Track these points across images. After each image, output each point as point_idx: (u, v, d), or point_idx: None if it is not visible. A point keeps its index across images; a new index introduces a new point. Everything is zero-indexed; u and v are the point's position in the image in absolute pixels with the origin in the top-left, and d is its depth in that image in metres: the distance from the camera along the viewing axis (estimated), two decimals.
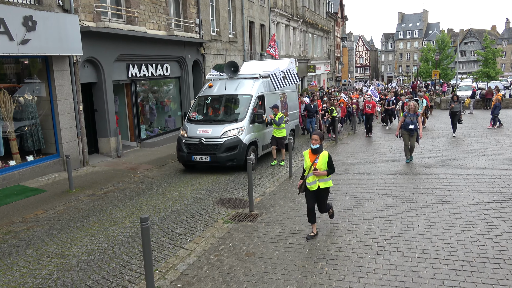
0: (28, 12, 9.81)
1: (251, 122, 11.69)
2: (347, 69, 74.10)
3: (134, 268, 5.79)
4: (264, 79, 12.84)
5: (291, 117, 14.82)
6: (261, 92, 12.49)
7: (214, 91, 12.66)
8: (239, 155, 11.14)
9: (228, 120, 11.83)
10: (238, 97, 12.43)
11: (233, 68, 12.83)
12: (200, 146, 11.29)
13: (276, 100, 13.50)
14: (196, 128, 11.61)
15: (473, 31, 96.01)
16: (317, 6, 44.84)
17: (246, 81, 12.62)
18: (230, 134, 11.22)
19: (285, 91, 14.34)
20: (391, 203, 8.11)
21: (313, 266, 5.54)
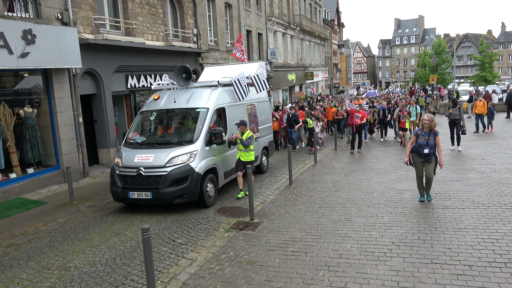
0: (27, 26, 9.90)
1: (207, 143, 9.17)
2: (345, 76, 74.43)
3: (136, 279, 5.79)
4: (225, 88, 10.56)
5: (262, 133, 12.53)
6: (220, 104, 10.07)
7: (160, 104, 10.10)
8: (191, 189, 8.58)
9: (176, 142, 9.20)
10: (190, 112, 9.90)
11: (185, 75, 10.30)
12: (138, 178, 8.58)
13: (242, 113, 11.17)
14: (134, 154, 8.89)
15: (469, 36, 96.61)
16: (314, 14, 45.17)
17: (201, 91, 10.11)
18: (178, 161, 8.62)
19: (253, 101, 12.10)
20: (391, 208, 8.12)
21: (314, 274, 5.54)
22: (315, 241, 6.68)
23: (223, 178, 9.96)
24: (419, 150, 8.23)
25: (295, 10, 36.98)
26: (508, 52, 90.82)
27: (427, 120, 8.10)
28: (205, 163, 9.01)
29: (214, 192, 9.41)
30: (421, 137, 8.17)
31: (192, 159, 8.74)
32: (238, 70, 11.76)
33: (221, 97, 10.24)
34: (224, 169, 9.95)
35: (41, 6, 10.93)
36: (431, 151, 8.15)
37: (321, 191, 9.96)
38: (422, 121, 8.18)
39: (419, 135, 8.22)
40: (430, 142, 8.11)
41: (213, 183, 9.35)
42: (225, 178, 10.07)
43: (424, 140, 8.12)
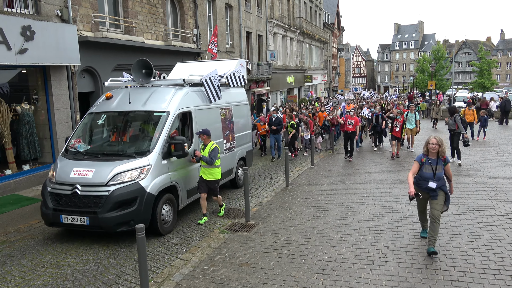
0: (26, 22, 9.86)
1: (165, 156, 7.48)
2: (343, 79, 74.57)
3: (129, 279, 5.76)
4: (193, 88, 8.92)
5: (239, 141, 10.89)
6: (186, 107, 8.37)
7: (112, 105, 8.39)
8: (139, 214, 6.86)
9: (125, 153, 7.47)
10: (146, 116, 8.21)
11: (145, 70, 8.50)
12: (73, 198, 6.86)
13: (214, 118, 9.54)
14: (71, 167, 7.17)
15: (468, 42, 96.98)
16: (314, 17, 45.25)
17: (163, 91, 8.40)
18: (125, 178, 6.90)
19: (230, 105, 10.45)
20: (387, 213, 8.13)
21: (309, 277, 5.53)
22: (310, 244, 6.68)
23: (186, 197, 8.24)
24: (421, 184, 6.24)
25: (296, 13, 37.04)
26: (507, 60, 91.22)
27: (434, 144, 6.09)
28: (160, 180, 7.27)
29: (173, 215, 7.65)
30: (426, 166, 6.20)
31: (143, 175, 7.01)
32: (214, 67, 10.01)
33: (187, 98, 8.49)
34: (187, 187, 8.22)
35: (40, 2, 10.89)
36: (439, 184, 6.15)
37: (318, 194, 9.95)
38: (428, 144, 6.20)
39: (424, 163, 6.24)
40: (439, 173, 6.12)
41: (171, 205, 7.61)
42: (188, 197, 8.35)
43: (430, 170, 6.15)
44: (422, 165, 6.28)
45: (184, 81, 8.75)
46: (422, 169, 6.25)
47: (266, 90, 29.21)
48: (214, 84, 9.07)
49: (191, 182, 8.38)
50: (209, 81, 9.00)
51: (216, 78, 9.15)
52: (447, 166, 6.29)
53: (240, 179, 11.02)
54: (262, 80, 27.97)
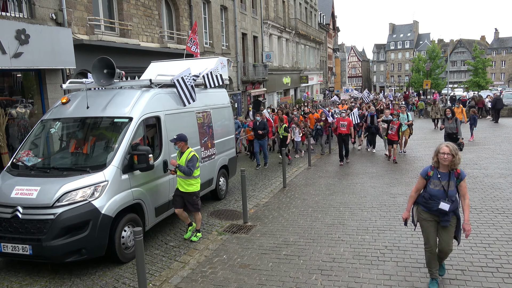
0: (21, 26, 9.82)
1: (126, 169, 6.45)
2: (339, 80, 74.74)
3: (127, 282, 5.74)
4: (164, 90, 7.92)
5: (220, 148, 9.85)
6: (153, 111, 7.30)
7: (68, 110, 7.31)
8: (93, 240, 5.86)
9: (77, 168, 6.44)
10: (105, 123, 7.14)
11: (107, 70, 7.44)
12: (13, 223, 5.85)
13: (190, 123, 8.50)
14: (13, 185, 6.14)
15: (463, 41, 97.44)
16: (309, 18, 45.35)
17: (126, 93, 7.36)
18: (76, 197, 5.89)
19: (208, 108, 9.39)
20: (384, 213, 8.14)
21: (307, 278, 5.53)
22: (309, 245, 6.68)
23: (154, 216, 7.18)
24: (431, 204, 4.91)
25: (291, 14, 37.11)
26: (501, 58, 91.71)
27: (447, 154, 4.79)
28: (120, 199, 6.23)
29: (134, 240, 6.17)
30: (435, 181, 4.91)
31: (97, 194, 5.99)
32: (192, 66, 9.11)
33: (155, 102, 7.41)
34: (155, 203, 7.16)
35: (35, 6, 10.86)
36: (452, 207, 4.83)
37: (315, 195, 9.96)
38: (438, 154, 4.89)
39: (431, 177, 4.96)
40: (451, 191, 4.84)
41: (135, 226, 6.55)
42: (158, 215, 7.29)
43: (439, 187, 4.86)
44: (428, 180, 4.97)
45: (151, 82, 7.58)
46: (429, 185, 4.95)
47: (262, 91, 29.24)
48: (188, 84, 8.00)
49: (160, 198, 7.32)
50: (181, 82, 7.93)
51: (190, 78, 8.07)
52: (461, 183, 4.86)
53: (222, 190, 10.05)
54: (258, 81, 28.01)
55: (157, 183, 7.27)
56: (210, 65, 9.74)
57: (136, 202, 6.64)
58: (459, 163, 4.88)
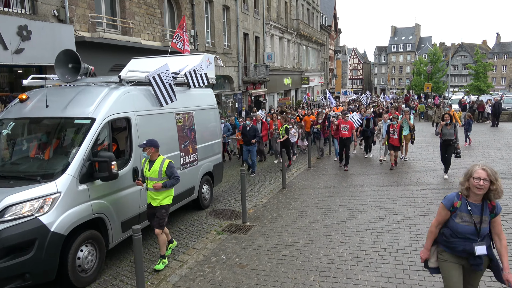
0: (23, 22, 9.83)
1: (84, 179, 5.59)
2: (340, 82, 74.73)
3: (125, 280, 5.74)
4: (137, 88, 7.02)
5: (203, 154, 9.00)
6: (122, 111, 6.46)
7: (25, 110, 6.47)
8: (39, 263, 5.01)
9: (27, 176, 5.58)
10: (64, 124, 6.24)
11: (72, 64, 6.77)
12: None
13: (167, 126, 7.66)
14: None
15: (464, 45, 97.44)
16: (311, 19, 45.36)
17: (91, 91, 6.48)
18: (20, 212, 5.02)
19: (190, 109, 8.52)
20: (383, 215, 8.13)
21: (305, 279, 5.52)
22: (307, 246, 6.67)
23: (121, 231, 6.28)
24: (455, 243, 3.81)
25: (293, 15, 37.12)
26: (502, 63, 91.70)
27: (483, 180, 3.64)
28: (75, 213, 5.36)
29: (97, 260, 5.77)
30: (463, 214, 3.77)
31: (47, 208, 5.12)
32: (175, 63, 8.56)
33: (125, 101, 6.55)
34: (122, 217, 6.27)
35: (37, 2, 10.85)
36: (486, 249, 3.75)
37: (314, 196, 9.95)
38: (471, 179, 3.73)
39: (458, 209, 3.79)
40: (484, 228, 3.74)
41: (95, 245, 5.71)
42: (125, 230, 6.37)
43: (469, 222, 3.73)
44: (454, 211, 3.81)
45: (120, 78, 6.61)
46: (453, 219, 3.80)
47: (263, 91, 29.24)
48: (165, 82, 7.16)
49: (128, 211, 6.43)
50: (157, 79, 7.06)
51: (168, 75, 7.20)
52: (496, 218, 3.74)
53: (205, 199, 9.24)
54: (259, 82, 28.02)
55: (124, 193, 6.36)
56: (194, 63, 8.82)
57: (97, 216, 5.75)
58: (500, 191, 3.64)
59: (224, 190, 10.84)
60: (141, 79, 7.10)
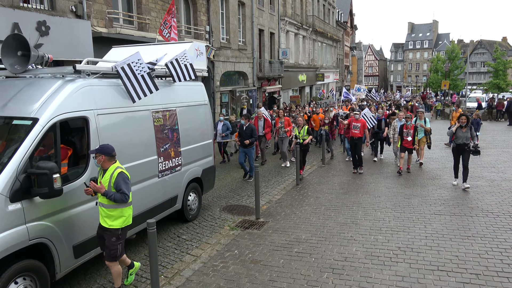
0: (42, 17, 9.99)
1: (19, 196, 4.48)
2: (355, 78, 74.09)
3: (140, 273, 5.80)
4: (99, 80, 5.80)
5: (191, 156, 7.87)
6: (77, 110, 5.30)
7: None
8: None
9: None
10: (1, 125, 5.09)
11: (21, 52, 5.57)
12: None
13: (140, 126, 6.46)
14: None
15: (483, 42, 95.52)
16: (327, 15, 45.01)
17: (40, 84, 5.34)
18: None
19: (172, 106, 7.30)
20: (398, 213, 8.05)
21: (318, 276, 5.51)
22: (321, 243, 6.65)
23: (73, 257, 5.18)
24: None
25: (308, 11, 36.88)
26: None
27: None
28: (4, 240, 4.26)
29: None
30: None
31: None
32: (160, 52, 7.48)
33: (82, 97, 5.38)
34: (73, 241, 5.15)
35: None
36: None
37: (328, 193, 9.90)
38: None
39: None
40: None
41: (35, 277, 4.63)
42: (79, 256, 5.28)
43: None
44: None
45: (75, 69, 5.33)
46: None
47: (277, 88, 29.17)
48: (137, 74, 5.96)
49: (84, 231, 5.27)
50: (127, 70, 5.87)
51: (141, 65, 6.01)
52: None
53: (191, 209, 8.06)
54: (273, 78, 27.95)
55: (79, 210, 5.20)
56: (176, 51, 7.49)
57: (37, 242, 4.62)
58: None
59: (238, 186, 10.87)
60: (107, 71, 5.85)
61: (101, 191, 4.79)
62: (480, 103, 29.61)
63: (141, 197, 6.28)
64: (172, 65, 7.09)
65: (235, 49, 22.03)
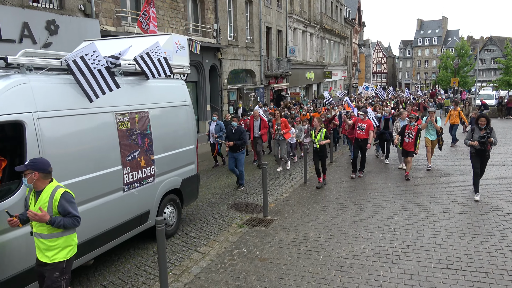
0: (51, 17, 10.08)
1: None
2: (364, 76, 73.71)
3: (148, 270, 5.85)
4: (45, 77, 4.83)
5: (168, 165, 6.85)
6: (8, 113, 4.29)
7: None
8: None
9: None
10: None
11: None
12: None
13: (99, 132, 5.44)
14: None
15: (493, 39, 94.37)
16: (335, 12, 44.79)
17: None
18: None
19: (144, 107, 6.27)
20: (407, 211, 8.01)
21: (326, 273, 5.50)
22: (328, 241, 6.64)
23: None
24: None
25: (316, 8, 36.73)
26: None
27: None
28: None
29: None
30: None
31: None
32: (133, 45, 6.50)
33: (15, 97, 4.38)
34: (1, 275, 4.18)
35: None
36: None
37: (336, 191, 9.88)
38: None
39: None
40: None
41: None
42: None
43: None
44: None
45: (7, 62, 4.33)
46: None
47: (285, 85, 29.12)
48: (93, 68, 5.00)
49: (13, 263, 4.31)
50: (81, 64, 4.93)
51: (97, 58, 5.05)
52: None
53: (169, 225, 7.03)
54: (281, 76, 27.91)
55: (8, 238, 4.24)
56: (148, 44, 6.49)
57: None
58: None
59: (246, 184, 10.88)
60: (54, 65, 4.86)
61: (45, 219, 3.75)
62: (484, 103, 29.08)
63: (101, 215, 5.38)
64: (142, 60, 6.11)
65: (243, 47, 22.04)
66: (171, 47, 7.25)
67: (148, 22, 10.83)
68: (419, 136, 10.63)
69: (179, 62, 7.41)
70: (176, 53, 7.38)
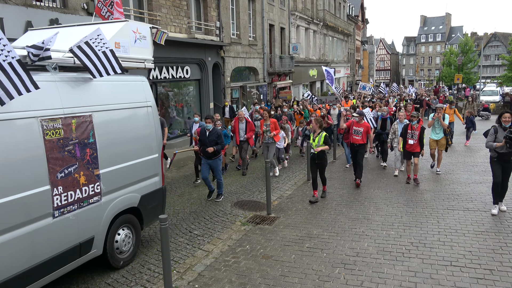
0: (54, 15, 10.10)
1: None
2: (367, 73, 73.47)
3: (152, 268, 5.87)
4: None
5: (121, 180, 5.67)
6: None
7: None
8: None
9: None
10: None
11: None
12: None
13: (13, 145, 4.17)
14: None
15: (497, 35, 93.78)
16: (338, 9, 44.63)
17: None
18: None
19: (84, 109, 5.06)
20: (411, 208, 7.99)
21: (330, 271, 5.50)
22: (332, 238, 6.64)
23: None
24: None
25: (319, 5, 36.62)
26: None
27: None
28: None
29: None
30: None
31: None
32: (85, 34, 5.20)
33: None
34: None
35: None
36: None
37: (339, 188, 9.87)
38: None
39: None
40: None
41: None
42: None
43: None
44: None
45: None
46: None
47: (288, 83, 29.08)
48: (3, 62, 3.84)
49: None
50: None
51: (6, 49, 3.87)
52: None
53: (122, 252, 5.87)
54: (284, 73, 27.86)
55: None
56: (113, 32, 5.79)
57: None
58: None
59: (249, 181, 10.89)
60: None
61: None
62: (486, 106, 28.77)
63: (19, 250, 4.23)
64: (81, 51, 4.90)
65: (246, 44, 22.01)
66: (128, 37, 6.03)
67: (110, 8, 8.66)
68: (423, 135, 9.77)
69: (138, 55, 6.26)
70: (134, 44, 6.16)
